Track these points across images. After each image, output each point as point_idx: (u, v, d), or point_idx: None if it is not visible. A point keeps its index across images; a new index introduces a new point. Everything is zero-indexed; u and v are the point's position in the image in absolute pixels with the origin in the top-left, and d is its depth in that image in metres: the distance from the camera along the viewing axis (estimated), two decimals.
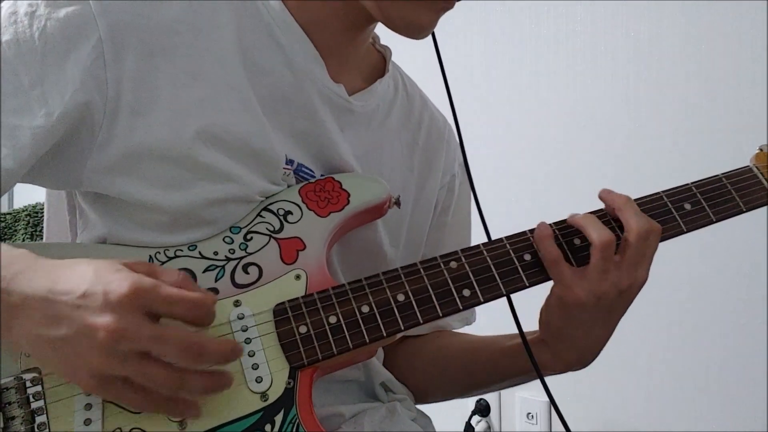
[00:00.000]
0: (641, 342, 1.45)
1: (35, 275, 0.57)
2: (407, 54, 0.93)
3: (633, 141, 1.49)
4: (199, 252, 0.71)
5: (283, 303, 0.69)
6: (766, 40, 1.29)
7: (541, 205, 1.58)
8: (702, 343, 1.39)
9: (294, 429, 0.65)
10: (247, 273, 0.70)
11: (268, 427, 0.64)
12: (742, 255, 1.33)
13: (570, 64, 1.57)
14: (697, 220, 0.77)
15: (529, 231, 0.75)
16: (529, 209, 1.59)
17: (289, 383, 0.66)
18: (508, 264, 0.73)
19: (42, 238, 0.89)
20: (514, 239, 0.75)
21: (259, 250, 0.72)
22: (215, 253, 0.71)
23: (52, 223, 0.85)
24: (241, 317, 0.68)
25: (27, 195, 1.69)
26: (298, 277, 0.71)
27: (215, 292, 0.69)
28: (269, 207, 0.74)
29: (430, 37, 0.77)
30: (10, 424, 0.62)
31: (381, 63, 0.87)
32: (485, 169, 1.63)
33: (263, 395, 0.65)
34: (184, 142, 0.68)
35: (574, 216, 0.75)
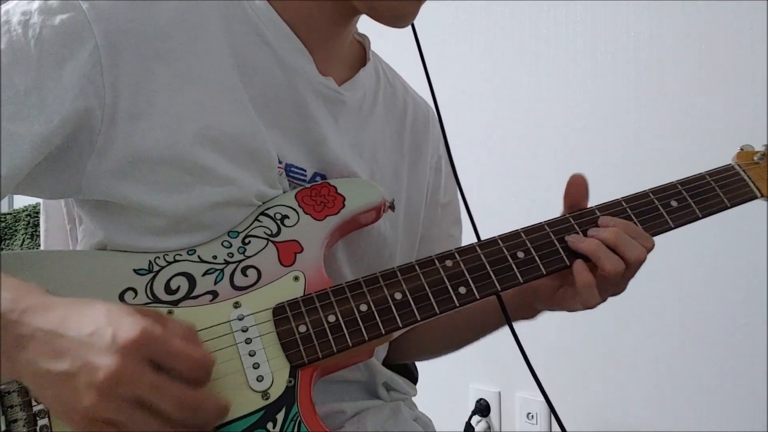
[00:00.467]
0: (641, 342, 1.45)
1: (48, 310, 0.57)
2: (402, 52, 0.95)
3: (630, 141, 1.50)
4: (198, 256, 0.71)
5: (282, 303, 0.70)
6: (766, 40, 1.32)
7: (540, 205, 1.58)
8: (702, 342, 1.39)
9: (296, 426, 0.65)
10: (245, 275, 0.71)
11: (270, 425, 0.64)
12: (742, 255, 1.34)
13: (569, 64, 1.59)
14: (683, 216, 0.79)
15: (522, 230, 0.77)
16: (528, 209, 1.60)
17: (290, 381, 0.66)
18: (502, 262, 0.74)
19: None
20: (507, 238, 0.76)
21: (258, 253, 0.72)
22: (214, 257, 0.72)
23: (50, 235, 0.85)
24: (240, 318, 0.69)
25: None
26: (296, 278, 0.72)
27: (215, 294, 0.70)
28: (266, 212, 0.75)
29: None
30: (13, 427, 0.61)
31: (361, 52, 0.90)
32: (479, 166, 1.66)
33: (264, 394, 0.65)
34: (182, 146, 0.69)
35: (579, 241, 0.76)
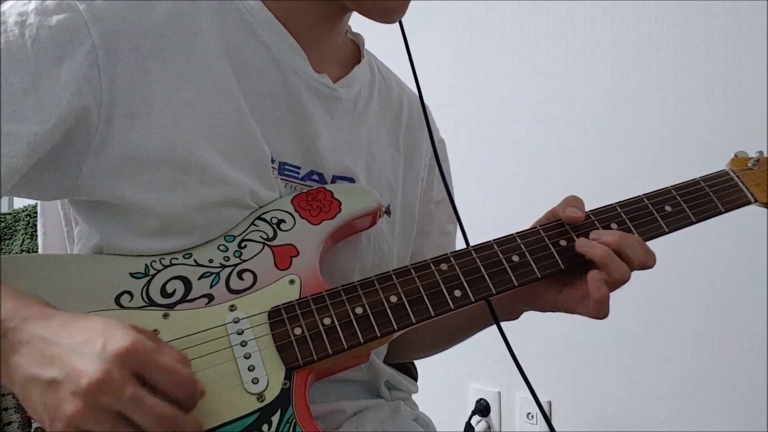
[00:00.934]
0: (642, 342, 1.46)
1: (47, 320, 0.57)
2: (400, 50, 0.96)
3: (630, 141, 1.50)
4: (194, 260, 0.72)
5: (278, 306, 0.70)
6: (766, 40, 1.32)
7: (537, 203, 1.58)
8: (702, 342, 1.39)
9: (291, 428, 0.65)
10: (241, 279, 0.72)
11: (265, 427, 0.65)
12: (742, 255, 1.34)
13: (569, 64, 1.59)
14: (677, 221, 0.80)
15: (517, 234, 0.77)
16: (525, 207, 1.61)
17: (285, 384, 0.67)
18: (497, 265, 0.75)
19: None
20: (502, 242, 0.77)
21: (254, 257, 0.73)
22: (210, 261, 0.72)
23: (47, 237, 0.86)
24: (236, 321, 0.69)
25: None
26: (292, 281, 0.72)
27: (211, 298, 0.70)
28: (262, 216, 0.75)
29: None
30: (8, 429, 0.62)
31: (355, 50, 0.91)
32: (473, 165, 1.67)
33: (260, 396, 0.66)
34: (178, 145, 0.70)
35: (589, 246, 0.75)
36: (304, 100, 0.79)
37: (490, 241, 0.77)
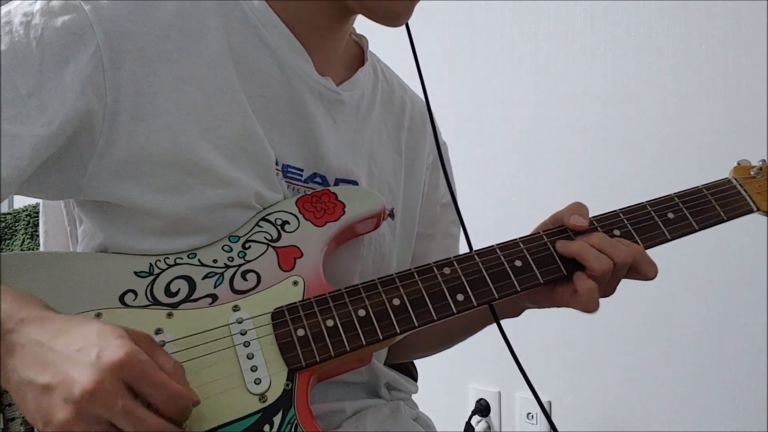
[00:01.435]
0: (641, 342, 1.46)
1: (45, 323, 0.57)
2: (405, 52, 0.96)
3: (628, 142, 1.50)
4: (199, 260, 0.72)
5: (281, 307, 0.70)
6: (766, 40, 1.32)
7: (538, 204, 1.59)
8: (702, 343, 1.40)
9: (292, 429, 0.65)
10: (245, 280, 0.72)
11: (266, 427, 0.65)
12: (742, 255, 1.35)
13: (569, 64, 1.60)
14: (680, 229, 0.80)
15: (520, 239, 0.78)
16: (525, 208, 1.61)
17: (287, 385, 0.67)
18: (499, 270, 0.75)
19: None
20: (505, 247, 0.77)
21: (258, 257, 0.73)
22: (214, 261, 0.72)
23: (49, 236, 0.86)
24: (239, 321, 0.69)
25: None
26: (295, 283, 0.73)
27: (214, 297, 0.71)
28: (267, 217, 0.76)
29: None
30: (11, 425, 0.62)
31: (359, 52, 0.91)
32: (477, 167, 1.67)
33: (262, 396, 0.66)
34: (183, 147, 0.70)
35: (566, 245, 0.76)
36: (307, 103, 0.79)
37: (493, 245, 0.77)
